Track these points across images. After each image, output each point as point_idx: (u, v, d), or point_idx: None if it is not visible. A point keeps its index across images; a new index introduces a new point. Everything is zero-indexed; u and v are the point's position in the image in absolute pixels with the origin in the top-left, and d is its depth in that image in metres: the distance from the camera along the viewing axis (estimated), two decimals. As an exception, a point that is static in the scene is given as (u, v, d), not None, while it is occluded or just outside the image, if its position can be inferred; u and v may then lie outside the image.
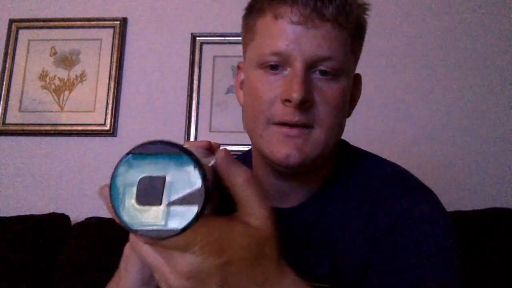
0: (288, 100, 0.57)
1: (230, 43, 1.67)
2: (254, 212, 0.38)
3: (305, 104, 0.57)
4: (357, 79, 0.69)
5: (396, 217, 0.59)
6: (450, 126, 1.58)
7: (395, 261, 0.57)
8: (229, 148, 1.75)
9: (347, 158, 0.69)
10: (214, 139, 1.93)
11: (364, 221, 0.62)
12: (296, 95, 0.56)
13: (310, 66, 0.58)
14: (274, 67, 0.59)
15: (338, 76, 0.60)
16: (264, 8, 0.61)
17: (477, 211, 1.34)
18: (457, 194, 1.50)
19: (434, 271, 0.55)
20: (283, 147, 0.58)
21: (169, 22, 1.74)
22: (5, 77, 1.71)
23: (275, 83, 0.59)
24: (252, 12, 0.63)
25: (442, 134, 1.58)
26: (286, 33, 0.58)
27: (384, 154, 0.73)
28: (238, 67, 0.71)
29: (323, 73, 0.59)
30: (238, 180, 0.38)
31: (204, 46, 1.69)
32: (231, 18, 1.67)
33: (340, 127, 0.64)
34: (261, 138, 0.61)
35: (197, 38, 1.70)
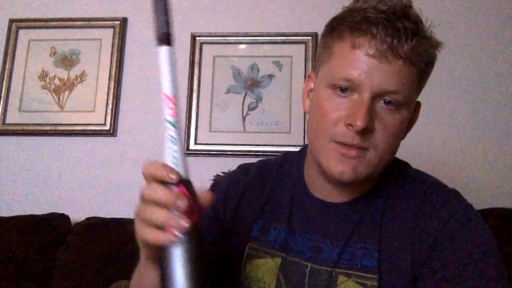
0: (351, 125, 0.62)
1: (230, 43, 1.65)
2: None
3: (365, 130, 0.62)
4: (417, 106, 0.74)
5: (443, 223, 0.64)
6: (450, 126, 1.58)
7: (447, 268, 0.61)
8: (229, 148, 1.73)
9: (394, 165, 0.74)
10: (214, 139, 1.92)
11: (411, 221, 0.66)
12: (360, 123, 0.61)
13: (377, 96, 0.63)
14: (343, 90, 0.64)
15: (400, 108, 0.65)
16: (344, 35, 0.65)
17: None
18: (457, 194, 1.50)
19: (484, 274, 0.60)
20: (339, 165, 0.64)
21: (169, 22, 1.74)
22: (5, 77, 1.71)
23: (342, 105, 0.64)
24: (332, 34, 0.68)
25: (442, 134, 1.58)
26: (360, 63, 0.62)
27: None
28: (309, 76, 0.76)
29: (387, 102, 0.64)
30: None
31: (204, 46, 1.69)
32: (231, 18, 1.66)
33: (394, 150, 0.69)
34: (321, 152, 0.67)
35: (197, 38, 1.70)
